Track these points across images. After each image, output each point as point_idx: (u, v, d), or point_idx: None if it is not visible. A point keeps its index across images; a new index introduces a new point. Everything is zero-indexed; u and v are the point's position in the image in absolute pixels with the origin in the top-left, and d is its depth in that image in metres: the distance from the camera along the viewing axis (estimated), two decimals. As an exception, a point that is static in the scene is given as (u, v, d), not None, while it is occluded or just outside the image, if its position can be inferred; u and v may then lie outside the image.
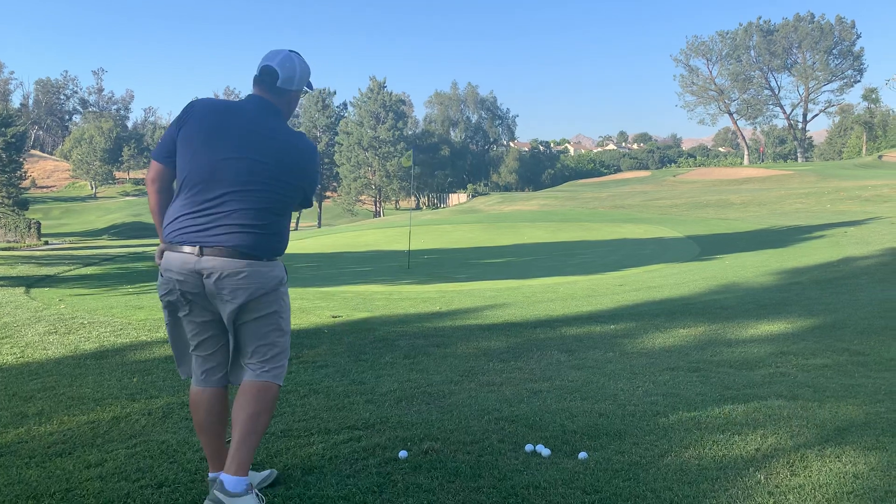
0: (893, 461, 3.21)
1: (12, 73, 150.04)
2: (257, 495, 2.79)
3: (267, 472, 3.15)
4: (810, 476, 3.07)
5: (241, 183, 2.84)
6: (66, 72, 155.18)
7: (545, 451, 3.42)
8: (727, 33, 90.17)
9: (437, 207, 76.51)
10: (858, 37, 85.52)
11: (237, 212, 2.84)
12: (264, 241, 2.89)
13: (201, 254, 2.81)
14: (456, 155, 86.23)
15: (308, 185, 3.05)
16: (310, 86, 3.14)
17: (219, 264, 2.81)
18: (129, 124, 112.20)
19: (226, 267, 2.82)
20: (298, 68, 3.01)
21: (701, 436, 3.63)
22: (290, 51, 3.04)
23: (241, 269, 2.83)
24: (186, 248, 2.83)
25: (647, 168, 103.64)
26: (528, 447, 3.49)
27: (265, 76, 2.97)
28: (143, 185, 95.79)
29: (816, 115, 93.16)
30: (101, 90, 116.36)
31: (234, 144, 2.86)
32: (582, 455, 3.37)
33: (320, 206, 73.09)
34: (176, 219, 2.87)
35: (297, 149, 2.98)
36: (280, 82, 2.96)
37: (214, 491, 2.73)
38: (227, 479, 2.74)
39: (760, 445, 3.46)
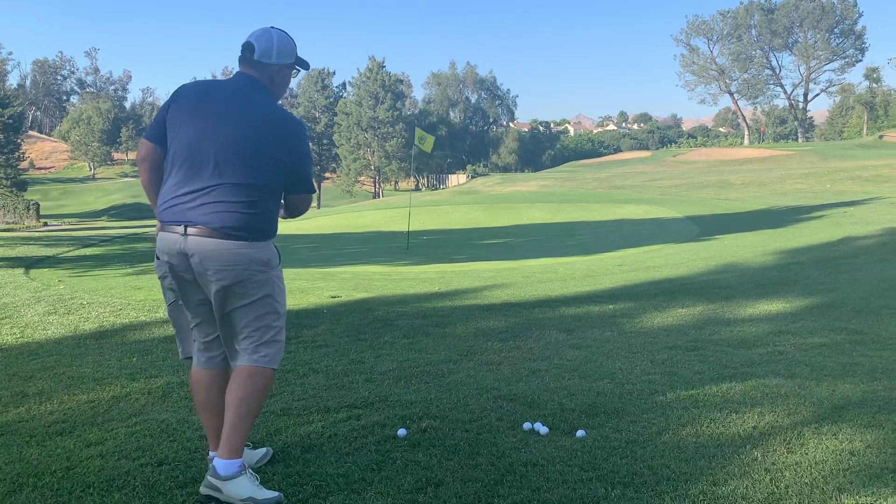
0: (890, 439, 3.23)
1: (10, 53, 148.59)
2: (251, 474, 2.80)
3: (263, 450, 3.16)
4: (807, 453, 3.09)
5: (223, 157, 2.79)
6: (62, 52, 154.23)
7: (543, 430, 3.44)
8: (728, 12, 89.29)
9: (436, 188, 76.34)
10: (860, 15, 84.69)
11: (220, 187, 2.78)
12: (248, 219, 2.80)
13: (185, 233, 2.78)
14: (455, 136, 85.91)
15: (299, 162, 2.93)
16: (302, 64, 3.06)
17: (202, 245, 2.76)
18: (127, 105, 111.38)
19: (209, 248, 2.77)
20: (276, 42, 2.93)
21: (698, 414, 3.64)
22: (271, 27, 2.99)
23: (224, 250, 2.77)
24: (175, 228, 2.81)
25: (647, 148, 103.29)
26: (527, 425, 3.50)
27: (244, 51, 2.94)
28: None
29: (817, 94, 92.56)
30: (97, 70, 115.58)
31: (215, 118, 2.84)
32: (580, 433, 3.39)
33: (319, 188, 72.92)
34: (166, 199, 2.86)
35: (281, 122, 2.90)
36: (257, 55, 2.91)
37: (208, 476, 2.77)
38: (219, 462, 2.76)
39: (758, 423, 3.48)
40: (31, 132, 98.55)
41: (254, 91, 2.91)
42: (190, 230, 2.77)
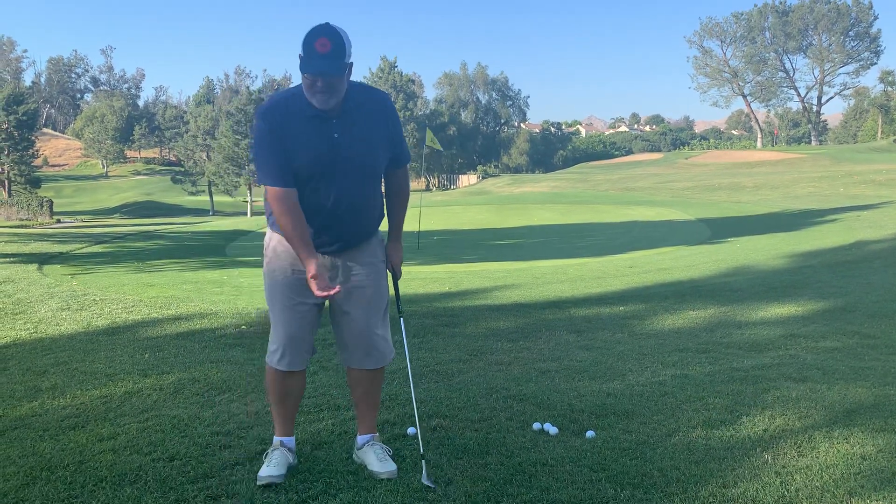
0: (902, 443, 3.20)
1: (25, 51, 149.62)
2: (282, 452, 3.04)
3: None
4: (817, 457, 3.08)
5: None
6: (76, 51, 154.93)
7: (553, 430, 3.44)
8: (742, 14, 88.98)
9: (446, 189, 76.35)
10: (876, 18, 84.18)
11: None
12: None
13: None
14: (466, 136, 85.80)
15: None
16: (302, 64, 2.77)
17: None
18: (141, 103, 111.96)
19: None
20: None
21: (709, 416, 3.63)
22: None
23: None
24: None
25: (659, 150, 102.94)
26: (536, 425, 3.50)
27: None
28: (154, 163, 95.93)
29: (831, 97, 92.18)
30: (111, 69, 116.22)
31: None
32: (589, 433, 3.38)
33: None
34: None
35: None
36: None
37: None
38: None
39: (768, 426, 3.47)
40: (45, 129, 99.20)
41: None
42: None
